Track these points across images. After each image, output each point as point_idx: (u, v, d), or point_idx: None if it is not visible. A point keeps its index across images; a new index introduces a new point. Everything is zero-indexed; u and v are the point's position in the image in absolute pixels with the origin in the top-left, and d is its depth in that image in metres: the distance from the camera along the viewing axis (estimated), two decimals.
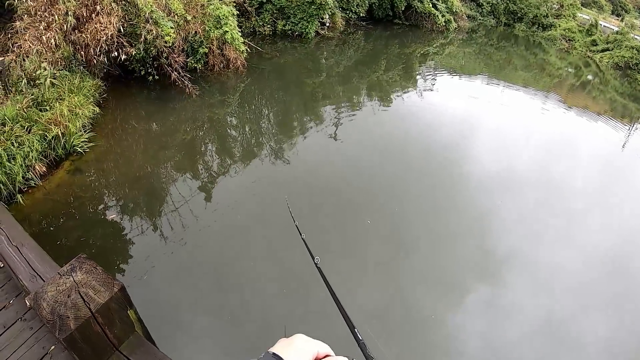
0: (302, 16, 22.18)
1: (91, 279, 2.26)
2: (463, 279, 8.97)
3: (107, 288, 2.25)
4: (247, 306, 7.47)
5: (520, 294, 8.81)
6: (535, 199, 12.25)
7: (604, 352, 7.93)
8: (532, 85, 26.37)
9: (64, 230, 8.39)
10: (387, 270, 8.77)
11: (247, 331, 7.05)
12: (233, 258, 8.48)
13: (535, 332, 8.01)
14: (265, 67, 18.89)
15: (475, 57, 30.77)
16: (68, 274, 2.27)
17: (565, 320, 8.38)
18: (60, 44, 11.70)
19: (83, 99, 11.42)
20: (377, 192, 11.36)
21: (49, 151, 9.87)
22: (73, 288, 2.21)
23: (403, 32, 30.25)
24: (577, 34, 39.10)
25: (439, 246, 9.82)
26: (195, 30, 14.65)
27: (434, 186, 12.05)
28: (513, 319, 8.20)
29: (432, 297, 8.38)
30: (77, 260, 2.34)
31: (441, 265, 9.23)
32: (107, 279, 2.28)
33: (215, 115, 14.34)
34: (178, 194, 10.04)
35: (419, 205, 11.15)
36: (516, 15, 40.98)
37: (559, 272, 9.50)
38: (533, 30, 40.44)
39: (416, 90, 20.58)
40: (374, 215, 10.31)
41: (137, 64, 13.75)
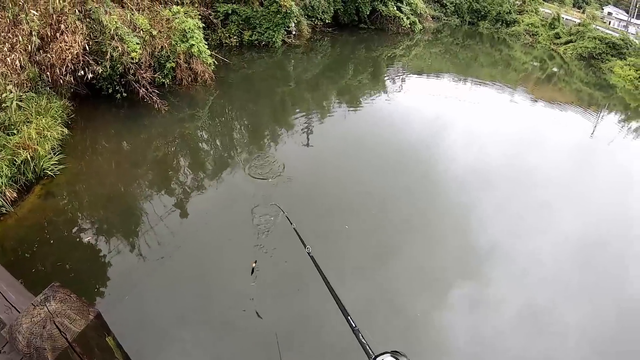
0: (268, 26, 22.19)
1: (66, 308, 2.21)
2: (444, 275, 9.13)
3: (82, 316, 2.20)
4: (232, 319, 7.44)
5: (501, 286, 9.01)
6: (509, 192, 12.58)
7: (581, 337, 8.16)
8: (499, 81, 26.74)
9: (39, 256, 8.23)
10: (367, 274, 8.80)
11: (235, 344, 7.05)
12: (213, 271, 8.48)
13: (516, 322, 8.22)
14: (233, 79, 18.88)
15: (442, 56, 31.16)
16: (42, 303, 2.22)
17: (544, 309, 8.58)
18: (25, 65, 11.50)
19: (51, 121, 11.24)
20: (353, 196, 11.45)
21: (18, 176, 9.65)
22: (48, 318, 2.16)
23: (369, 36, 30.46)
24: (541, 28, 39.84)
25: (419, 245, 9.98)
26: (161, 45, 14.53)
27: (408, 186, 12.22)
28: (495, 311, 8.41)
29: (416, 297, 8.50)
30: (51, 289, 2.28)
31: (422, 263, 9.37)
32: (82, 307, 2.23)
33: (186, 129, 14.24)
34: (153, 212, 9.94)
35: (396, 206, 11.29)
36: (480, 13, 41.54)
37: (536, 263, 9.77)
38: (497, 27, 41.06)
39: (385, 93, 20.79)
40: (351, 220, 10.39)
41: (104, 82, 13.57)
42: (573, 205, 12.42)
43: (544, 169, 14.19)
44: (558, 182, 13.53)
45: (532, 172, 13.86)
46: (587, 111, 23.10)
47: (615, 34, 36.91)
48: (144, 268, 8.31)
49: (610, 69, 32.72)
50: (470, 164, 13.84)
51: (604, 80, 30.98)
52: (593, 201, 12.85)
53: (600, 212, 12.35)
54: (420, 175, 12.90)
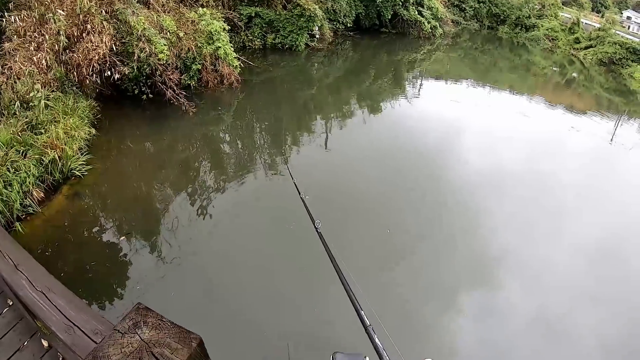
0: (291, 29, 22.03)
1: (163, 336, 1.93)
2: (456, 280, 8.98)
3: (184, 344, 1.92)
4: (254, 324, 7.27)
5: (513, 291, 8.86)
6: (525, 197, 12.37)
7: (596, 343, 8.02)
8: (518, 85, 26.53)
9: (65, 257, 8.10)
10: (377, 277, 8.68)
11: None
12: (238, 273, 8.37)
13: (529, 327, 8.06)
14: (257, 82, 18.71)
15: (461, 61, 30.98)
16: (131, 331, 1.94)
17: (557, 315, 8.44)
18: (51, 65, 11.42)
19: (78, 121, 11.14)
20: (368, 198, 11.35)
21: (46, 176, 9.52)
22: (143, 349, 1.87)
23: (390, 40, 30.29)
24: (560, 32, 39.47)
25: (432, 249, 9.81)
26: (188, 46, 14.40)
27: (423, 189, 12.13)
28: (507, 317, 8.24)
29: (427, 302, 8.39)
30: (138, 313, 2.00)
31: (436, 268, 9.24)
32: (181, 333, 1.96)
33: (211, 132, 14.14)
34: (177, 214, 9.82)
35: (411, 209, 11.20)
36: (499, 17, 41.23)
37: (549, 270, 9.60)
38: (516, 32, 40.66)
39: (405, 97, 20.66)
40: (365, 221, 10.36)
41: (130, 83, 13.47)
42: (589, 212, 12.22)
43: (560, 175, 13.99)
44: (575, 189, 13.32)
45: (548, 177, 13.67)
46: (606, 117, 22.81)
47: (636, 39, 36.50)
48: (164, 269, 8.18)
49: (630, 74, 32.35)
50: (486, 169, 13.69)
51: (624, 85, 30.65)
52: (610, 208, 12.61)
53: (617, 219, 12.12)
54: (435, 179, 12.79)
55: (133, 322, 1.94)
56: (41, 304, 3.28)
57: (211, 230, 9.44)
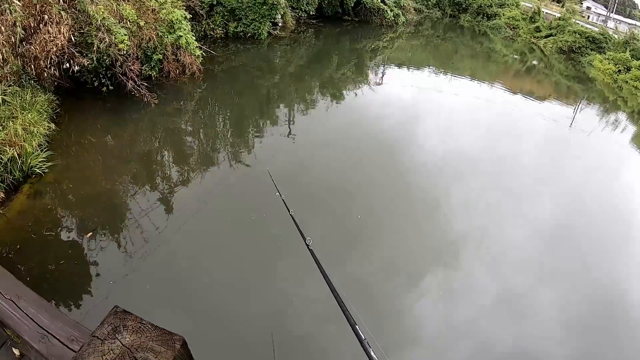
0: (254, 17, 21.80)
1: (145, 339, 1.81)
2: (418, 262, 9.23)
3: (167, 347, 1.81)
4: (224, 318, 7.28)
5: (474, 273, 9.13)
6: (485, 180, 12.78)
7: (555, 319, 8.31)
8: (479, 73, 26.85)
9: (30, 259, 7.88)
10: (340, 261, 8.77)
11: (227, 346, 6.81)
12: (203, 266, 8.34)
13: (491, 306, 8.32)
14: (219, 71, 18.52)
15: (423, 49, 31.22)
16: (111, 336, 1.82)
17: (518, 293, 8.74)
18: (8, 58, 11.02)
19: (37, 116, 10.78)
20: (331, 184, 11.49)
21: (5, 175, 9.18)
22: (126, 354, 1.75)
23: (353, 28, 30.29)
24: (521, 21, 40.08)
25: (393, 233, 9.97)
26: (149, 36, 14.06)
27: (385, 174, 12.34)
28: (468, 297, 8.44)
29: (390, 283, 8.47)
30: (116, 317, 1.88)
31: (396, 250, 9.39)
32: (163, 335, 1.84)
33: (173, 123, 13.95)
34: (140, 207, 9.73)
35: (373, 194, 11.35)
36: (461, 6, 41.60)
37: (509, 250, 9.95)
38: (478, 20, 41.07)
39: (368, 85, 20.77)
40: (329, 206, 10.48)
41: (89, 75, 13.08)
42: (547, 195, 12.65)
43: (520, 159, 14.47)
44: (534, 172, 13.76)
45: (508, 161, 14.15)
46: (565, 103, 23.25)
47: (595, 28, 37.20)
48: (131, 263, 8.07)
49: (589, 62, 33.05)
50: (447, 153, 13.99)
51: (583, 73, 31.34)
52: (568, 190, 13.12)
53: (573, 200, 12.65)
54: (398, 164, 12.99)
55: (112, 327, 1.83)
56: (11, 312, 3.12)
57: (178, 222, 9.37)
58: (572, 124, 19.77)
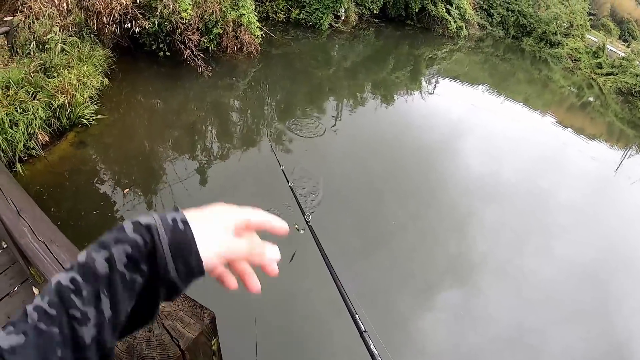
0: (317, 7, 21.75)
1: (176, 308, 1.79)
2: (437, 279, 8.92)
3: (197, 319, 1.78)
4: None
5: (492, 300, 8.75)
6: (519, 209, 12.19)
7: None
8: (532, 99, 26.29)
9: (63, 204, 8.01)
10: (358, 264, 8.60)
11: None
12: None
13: (501, 338, 7.98)
14: (276, 54, 18.54)
15: (481, 66, 30.64)
16: None
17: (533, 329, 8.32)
18: (72, 9, 11.24)
19: (92, 69, 10.93)
20: (361, 186, 11.24)
21: (53, 120, 9.34)
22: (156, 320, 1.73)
23: (414, 33, 30.00)
24: (584, 54, 38.98)
25: (418, 245, 9.75)
26: (212, 9, 14.17)
27: (418, 186, 12.05)
28: (482, 325, 8.14)
29: (404, 296, 8.24)
30: None
31: (417, 263, 9.16)
32: (195, 308, 1.82)
33: (223, 97, 14.00)
34: (179, 173, 9.74)
35: (404, 205, 11.01)
36: (525, 29, 40.75)
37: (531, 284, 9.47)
38: (540, 46, 40.20)
39: (419, 93, 20.45)
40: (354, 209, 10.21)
41: (148, 38, 13.26)
42: (581, 235, 11.97)
43: (558, 194, 13.70)
44: (570, 210, 13.03)
45: (546, 195, 13.41)
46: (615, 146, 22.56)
47: None
48: None
49: None
50: (484, 176, 13.41)
51: (639, 119, 30.39)
52: (601, 234, 12.40)
53: (605, 246, 11.89)
54: (432, 177, 12.66)
55: None
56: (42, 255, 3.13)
57: (210, 195, 9.37)
58: (617, 169, 19.14)
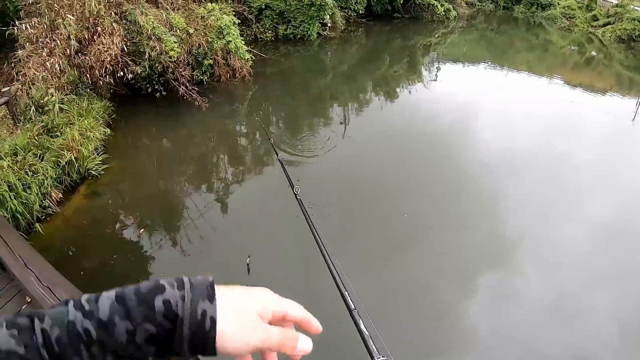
0: (302, 19, 21.97)
1: None
2: (470, 263, 8.90)
3: None
4: None
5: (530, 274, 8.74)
6: (541, 177, 12.17)
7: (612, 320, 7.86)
8: (535, 66, 26.14)
9: (85, 255, 8.29)
10: (394, 258, 8.76)
11: None
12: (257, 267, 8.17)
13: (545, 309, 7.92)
14: (270, 73, 18.80)
15: (477, 43, 30.64)
16: None
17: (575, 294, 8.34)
18: (65, 69, 11.61)
19: (93, 122, 11.32)
20: (385, 182, 11.35)
21: (63, 177, 9.73)
22: None
23: (403, 25, 30.09)
24: (577, 10, 38.60)
25: (447, 231, 9.75)
26: (198, 42, 14.52)
27: (439, 172, 12.14)
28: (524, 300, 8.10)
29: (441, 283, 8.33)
30: None
31: (449, 250, 9.16)
32: None
33: (226, 125, 14.30)
34: (197, 206, 9.97)
35: (426, 193, 11.14)
36: None
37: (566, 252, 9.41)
38: (532, 11, 39.91)
39: (421, 82, 20.55)
40: (384, 207, 10.34)
41: (143, 82, 13.65)
42: (608, 193, 11.89)
43: (578, 155, 13.63)
44: (593, 169, 13.04)
45: (567, 158, 13.35)
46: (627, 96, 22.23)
47: None
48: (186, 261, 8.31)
49: None
50: (502, 150, 13.44)
51: None
52: (630, 188, 12.28)
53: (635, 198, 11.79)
54: (451, 161, 12.68)
55: None
56: (47, 298, 3.45)
57: (231, 222, 9.62)
58: (634, 118, 18.95)
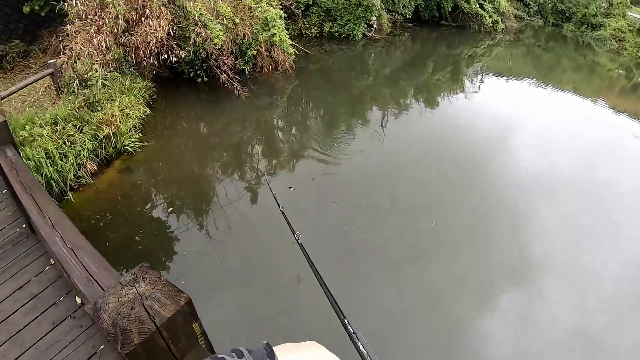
0: (349, 18, 21.97)
1: (156, 291, 2.11)
2: (496, 280, 8.62)
3: (173, 301, 2.10)
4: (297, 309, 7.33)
5: (554, 300, 8.36)
6: (579, 204, 11.59)
7: None
8: (581, 87, 25.63)
9: (113, 227, 8.44)
10: (418, 267, 8.61)
11: None
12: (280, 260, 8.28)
13: (568, 339, 7.59)
14: (312, 69, 18.81)
15: (523, 58, 30.10)
16: (130, 284, 2.13)
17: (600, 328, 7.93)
18: (111, 47, 11.85)
19: (134, 100, 11.55)
20: (413, 191, 11.14)
21: (100, 150, 10.01)
22: (136, 300, 2.06)
23: (450, 33, 29.80)
24: (628, 33, 37.71)
25: (474, 246, 9.49)
26: (243, 32, 14.65)
27: (472, 187, 11.72)
28: (545, 325, 7.79)
29: (462, 298, 8.09)
30: (140, 270, 2.19)
31: (475, 265, 8.91)
32: (172, 291, 2.13)
33: (264, 116, 14.30)
34: (225, 194, 10.00)
35: (456, 206, 10.81)
36: (564, 14, 39.80)
37: (595, 283, 8.94)
38: (582, 30, 39.14)
39: (463, 93, 20.22)
40: (414, 215, 10.14)
41: (186, 66, 13.83)
42: None
43: (618, 183, 13.01)
44: (631, 198, 12.34)
45: (606, 185, 12.73)
46: None
47: None
48: (211, 247, 8.36)
49: None
50: (539, 172, 12.83)
51: None
52: None
53: None
54: (484, 176, 12.35)
55: (134, 277, 2.14)
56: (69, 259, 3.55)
57: (259, 213, 9.56)
58: None
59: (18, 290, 4.58)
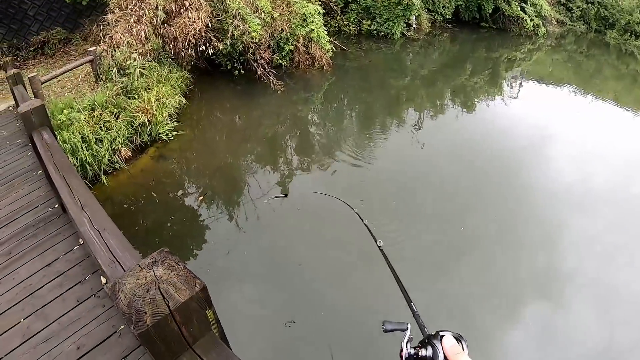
0: (388, 16, 21.86)
1: (173, 276, 2.14)
2: (520, 292, 8.33)
3: (188, 287, 2.12)
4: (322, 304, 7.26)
5: (580, 315, 8.02)
6: (613, 219, 11.11)
7: None
8: (623, 97, 25.06)
9: (144, 212, 8.54)
10: (442, 272, 8.41)
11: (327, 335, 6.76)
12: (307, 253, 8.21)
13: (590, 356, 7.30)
14: (349, 67, 18.72)
15: (564, 64, 29.55)
16: (149, 267, 2.16)
17: (626, 349, 7.57)
18: (149, 37, 12.03)
19: (170, 90, 11.70)
20: (443, 196, 10.85)
21: (135, 137, 10.18)
22: (153, 283, 2.09)
23: (490, 35, 29.40)
24: None
25: (502, 255, 9.16)
26: (281, 27, 14.70)
27: (504, 194, 11.36)
28: (569, 343, 7.50)
29: (485, 307, 7.87)
30: (160, 254, 2.22)
31: (501, 274, 8.65)
32: (189, 277, 2.16)
33: (299, 111, 14.29)
34: (257, 186, 9.97)
35: (486, 213, 10.48)
36: (608, 21, 38.88)
37: (626, 301, 8.51)
38: (625, 38, 38.13)
39: (501, 97, 19.90)
40: (444, 219, 9.93)
41: (223, 58, 13.94)
42: None
43: None
44: None
45: None
46: None
47: None
48: (240, 238, 8.32)
49: None
50: (574, 183, 12.45)
51: None
52: None
53: None
54: (516, 184, 11.91)
55: (153, 261, 2.16)
56: (95, 240, 3.63)
57: (289, 208, 9.50)
58: None
59: (46, 266, 4.74)
